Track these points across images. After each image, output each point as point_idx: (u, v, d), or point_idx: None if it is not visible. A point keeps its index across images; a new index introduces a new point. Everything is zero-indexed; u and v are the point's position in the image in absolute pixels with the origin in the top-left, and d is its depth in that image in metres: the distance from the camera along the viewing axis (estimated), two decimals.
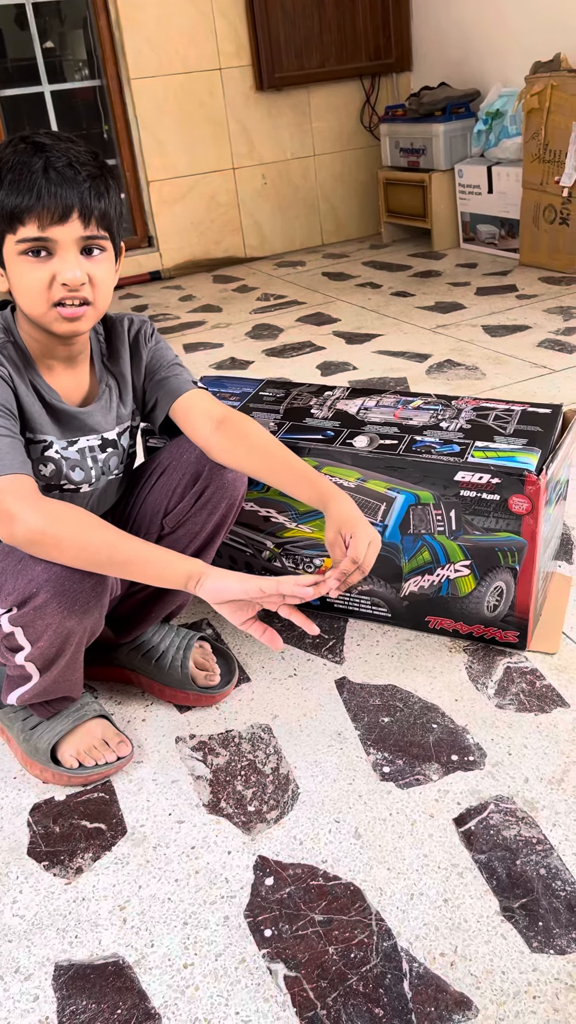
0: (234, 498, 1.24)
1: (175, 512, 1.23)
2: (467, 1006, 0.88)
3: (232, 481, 1.22)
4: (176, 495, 1.23)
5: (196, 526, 1.24)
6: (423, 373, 2.62)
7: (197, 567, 1.04)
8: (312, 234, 4.60)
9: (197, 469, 1.21)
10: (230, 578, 1.03)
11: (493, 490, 1.26)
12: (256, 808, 1.14)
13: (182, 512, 1.23)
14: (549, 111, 3.36)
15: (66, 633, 1.07)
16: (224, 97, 4.14)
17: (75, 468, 1.13)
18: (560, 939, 0.94)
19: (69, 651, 1.10)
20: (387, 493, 1.33)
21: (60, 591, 1.03)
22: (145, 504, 1.25)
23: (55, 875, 1.08)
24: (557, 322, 2.96)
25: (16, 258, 1.03)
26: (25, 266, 1.03)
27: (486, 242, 4.03)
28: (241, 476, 1.24)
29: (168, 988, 0.93)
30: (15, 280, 1.04)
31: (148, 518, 1.25)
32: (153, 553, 1.04)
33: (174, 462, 1.23)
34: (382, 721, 1.27)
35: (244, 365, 2.88)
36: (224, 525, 1.26)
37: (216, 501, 1.22)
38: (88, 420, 1.15)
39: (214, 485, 1.21)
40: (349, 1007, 0.89)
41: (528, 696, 1.29)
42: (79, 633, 1.09)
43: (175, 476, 1.23)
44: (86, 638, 1.12)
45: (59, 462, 1.12)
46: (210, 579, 1.03)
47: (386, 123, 4.26)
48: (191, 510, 1.22)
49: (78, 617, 1.06)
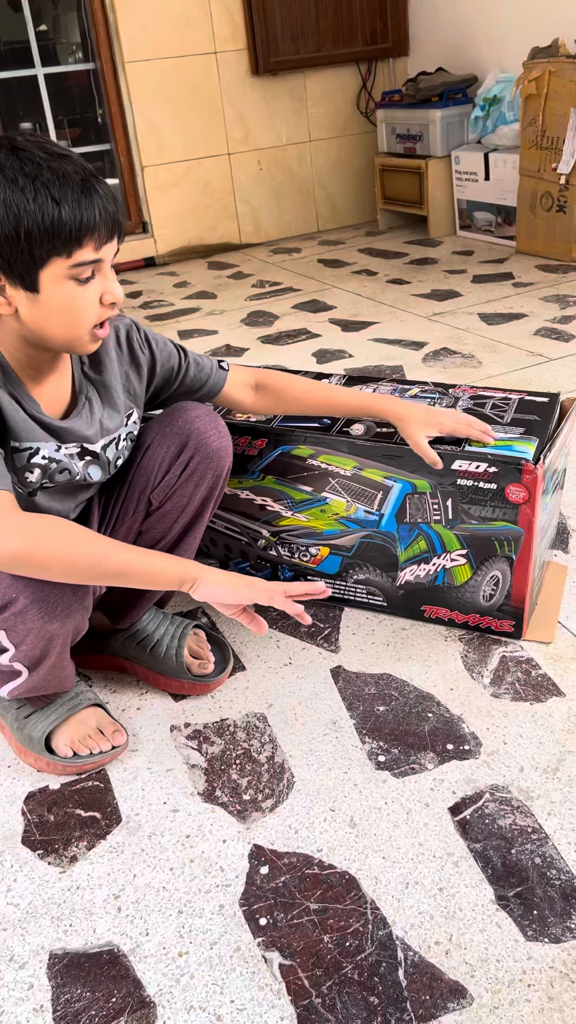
0: (220, 469, 1.23)
1: (162, 485, 1.22)
2: (462, 994, 0.88)
3: (217, 451, 1.22)
4: (162, 468, 1.22)
5: (183, 499, 1.23)
6: (419, 361, 2.61)
7: (191, 572, 1.04)
8: (308, 221, 4.58)
9: (182, 440, 1.21)
10: (225, 585, 1.04)
11: (490, 479, 1.25)
12: (251, 797, 1.14)
13: (169, 484, 1.22)
14: (547, 97, 3.34)
15: (48, 636, 1.06)
16: (219, 81, 4.10)
17: (63, 471, 1.11)
18: (555, 928, 0.94)
19: (54, 652, 1.09)
20: (384, 482, 1.33)
21: (39, 597, 1.02)
22: (133, 480, 1.24)
23: (50, 864, 1.07)
24: (554, 310, 2.95)
25: (63, 282, 0.96)
26: (72, 290, 0.97)
27: (483, 229, 4.02)
28: (227, 447, 1.23)
29: (163, 976, 0.93)
30: (55, 305, 0.98)
31: (136, 495, 1.24)
32: (145, 561, 1.03)
33: (158, 437, 1.22)
34: (377, 710, 1.27)
35: (239, 352, 2.87)
36: (212, 499, 1.25)
37: (202, 471, 1.22)
38: (71, 433, 1.11)
39: (199, 455, 1.21)
40: (344, 995, 0.89)
41: (523, 685, 1.28)
42: (62, 636, 1.08)
43: (160, 450, 1.22)
44: (71, 638, 1.11)
45: (46, 466, 1.08)
46: (203, 584, 1.04)
47: (383, 109, 4.23)
48: (178, 482, 1.22)
49: (60, 621, 1.05)
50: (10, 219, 0.92)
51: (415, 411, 1.29)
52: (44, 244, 0.93)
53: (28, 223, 0.92)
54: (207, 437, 1.21)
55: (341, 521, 1.39)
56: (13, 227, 0.92)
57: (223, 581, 1.05)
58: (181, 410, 1.23)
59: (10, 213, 0.92)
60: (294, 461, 1.39)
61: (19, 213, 0.92)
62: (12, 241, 0.93)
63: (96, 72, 4.07)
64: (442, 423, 1.28)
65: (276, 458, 1.40)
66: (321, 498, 1.39)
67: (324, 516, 1.40)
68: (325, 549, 1.43)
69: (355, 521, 1.38)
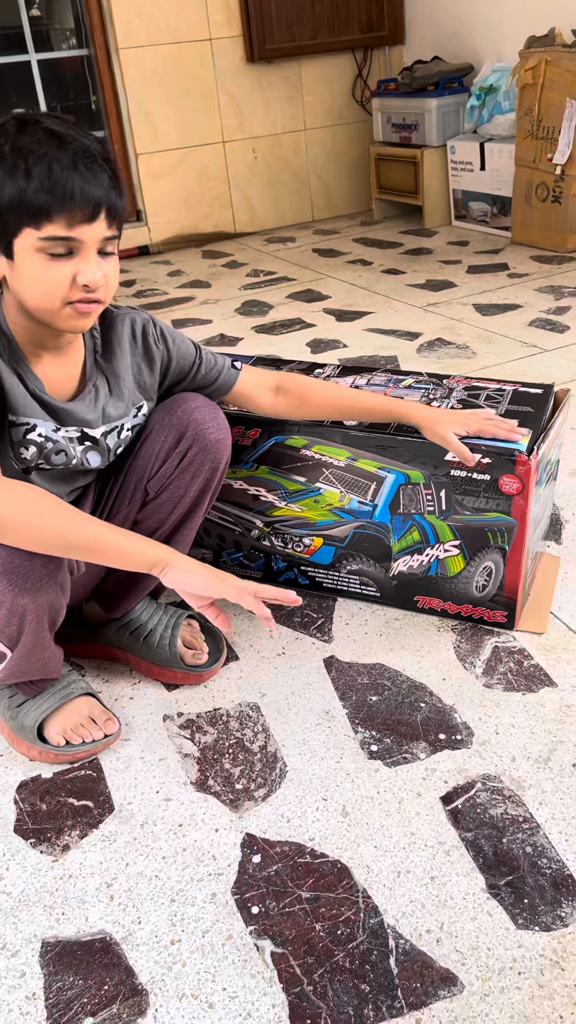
0: (217, 461, 1.23)
1: (159, 475, 1.22)
2: (453, 982, 0.89)
3: (215, 443, 1.21)
4: (160, 457, 1.21)
5: (180, 490, 1.23)
6: (414, 351, 2.61)
7: (164, 556, 1.03)
8: (303, 210, 4.56)
9: (180, 430, 1.20)
10: (196, 575, 1.03)
11: (484, 470, 1.25)
12: (244, 786, 1.14)
13: (165, 474, 1.22)
14: (543, 87, 3.33)
15: (21, 611, 1.06)
16: (214, 68, 4.07)
17: (59, 452, 1.11)
18: (545, 916, 0.94)
19: (29, 628, 1.08)
20: (377, 472, 1.33)
21: (8, 568, 1.02)
22: (130, 469, 1.24)
23: (42, 852, 1.07)
24: (548, 301, 2.95)
25: (32, 253, 0.97)
26: (42, 263, 0.98)
27: (478, 220, 4.01)
28: (225, 440, 1.23)
29: (155, 964, 0.93)
30: (26, 274, 0.99)
31: (133, 484, 1.23)
32: (117, 539, 1.02)
33: (157, 426, 1.22)
34: (370, 700, 1.27)
35: (233, 342, 2.86)
36: (208, 491, 1.25)
37: (199, 463, 1.21)
38: (71, 415, 1.11)
39: (197, 446, 1.20)
40: (336, 983, 0.90)
41: (516, 676, 1.29)
42: (34, 611, 1.07)
43: (158, 439, 1.21)
44: (46, 616, 1.09)
45: (42, 445, 1.09)
46: (175, 569, 1.03)
47: (378, 97, 4.21)
48: (174, 472, 1.21)
49: (31, 595, 1.04)
50: None
51: (441, 413, 1.28)
52: (13, 213, 0.96)
53: (2, 191, 0.96)
54: (206, 429, 1.20)
55: (335, 511, 1.39)
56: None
57: (196, 571, 1.04)
58: (181, 400, 1.23)
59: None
60: (288, 451, 1.38)
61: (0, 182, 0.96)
62: None
63: (90, 58, 4.04)
64: (468, 423, 1.27)
65: (270, 448, 1.39)
66: (315, 488, 1.39)
67: (318, 506, 1.40)
68: (318, 539, 1.43)
69: (349, 512, 1.38)
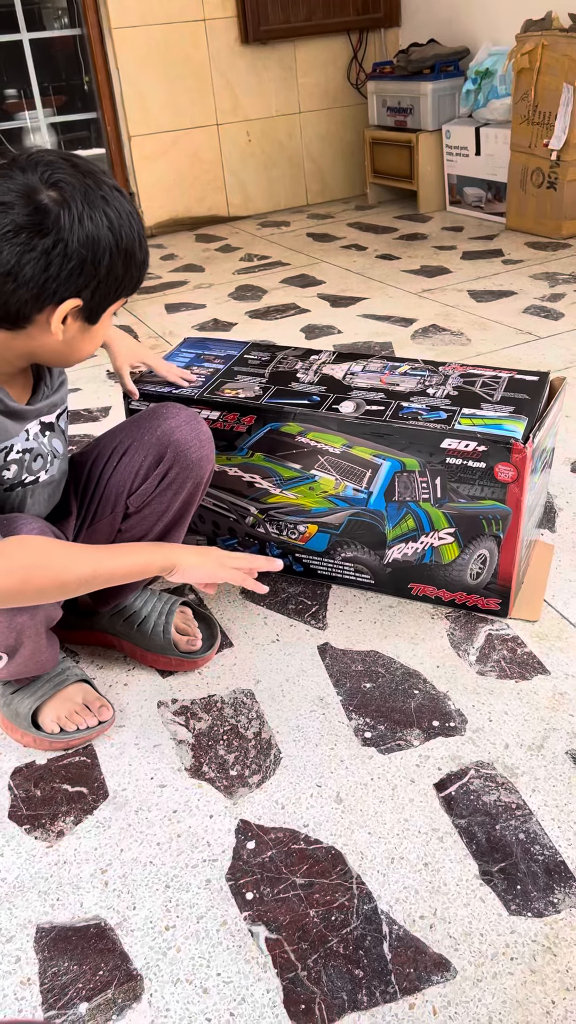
0: (200, 478, 1.22)
1: (139, 492, 1.21)
2: (446, 967, 0.90)
3: (197, 461, 1.20)
4: (139, 476, 1.20)
5: (162, 506, 1.22)
6: (408, 338, 2.60)
7: (169, 559, 1.07)
8: (297, 194, 4.53)
9: (160, 451, 1.19)
10: (201, 568, 1.09)
11: (479, 458, 1.25)
12: (238, 772, 1.14)
13: (146, 493, 1.20)
14: (539, 71, 3.31)
15: (18, 628, 1.06)
16: (208, 50, 4.03)
17: (37, 458, 1.10)
18: (537, 902, 0.95)
19: (28, 641, 1.09)
20: (373, 460, 1.32)
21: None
22: (109, 485, 1.22)
23: (36, 838, 1.08)
24: (543, 288, 2.94)
25: (109, 318, 1.03)
26: (109, 324, 1.05)
27: (472, 205, 3.99)
28: (207, 455, 1.22)
29: (150, 950, 0.94)
30: (96, 336, 1.02)
31: (112, 498, 1.22)
32: (128, 562, 1.04)
33: (135, 442, 1.20)
34: (364, 687, 1.27)
35: (227, 327, 2.84)
36: (192, 503, 1.24)
37: (181, 481, 1.20)
38: (32, 412, 1.10)
39: (178, 466, 1.19)
40: (330, 968, 0.90)
41: (509, 663, 1.29)
42: (32, 626, 1.08)
43: (137, 457, 1.20)
44: (43, 627, 1.11)
45: (21, 460, 1.08)
46: (181, 570, 1.08)
47: (373, 80, 4.17)
48: (155, 491, 1.20)
49: (28, 613, 1.05)
50: (124, 260, 0.95)
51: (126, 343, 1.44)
52: (129, 284, 0.99)
53: (134, 268, 0.97)
54: (187, 449, 1.19)
55: (330, 499, 1.39)
56: (124, 268, 0.96)
57: (200, 564, 1.09)
58: (160, 417, 1.21)
59: (127, 255, 0.95)
60: (283, 438, 1.38)
61: (131, 255, 0.96)
62: (117, 280, 0.96)
63: (82, 38, 3.99)
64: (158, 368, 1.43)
65: (265, 435, 1.39)
66: (310, 476, 1.38)
67: (313, 494, 1.40)
68: (313, 527, 1.43)
69: (344, 499, 1.38)
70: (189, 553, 1.09)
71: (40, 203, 0.88)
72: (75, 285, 0.92)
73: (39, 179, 0.89)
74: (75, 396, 2.35)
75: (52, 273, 0.90)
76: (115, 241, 0.93)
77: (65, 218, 0.89)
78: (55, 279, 0.91)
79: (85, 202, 0.90)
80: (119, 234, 0.93)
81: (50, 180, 0.89)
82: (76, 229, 0.89)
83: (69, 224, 0.89)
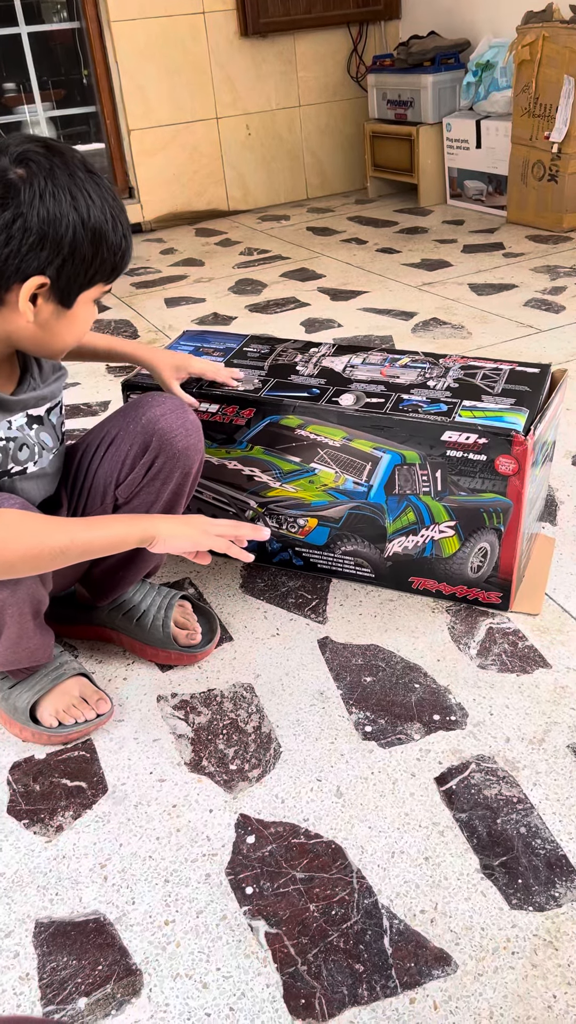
0: (188, 467, 1.20)
1: (127, 483, 1.19)
2: (447, 961, 0.89)
3: (184, 451, 1.18)
4: (126, 466, 1.19)
5: (151, 495, 1.20)
6: (408, 331, 2.59)
7: (148, 530, 1.05)
8: (296, 187, 4.52)
9: (144, 440, 1.17)
10: (183, 537, 1.07)
11: (480, 450, 1.24)
12: (238, 767, 1.14)
13: (134, 483, 1.19)
14: (540, 63, 3.29)
15: (0, 604, 1.05)
16: (208, 43, 4.01)
17: (22, 447, 1.09)
18: (539, 896, 0.94)
19: (12, 621, 1.08)
20: (373, 453, 1.32)
21: None
22: (96, 476, 1.21)
23: (35, 833, 1.07)
24: (544, 281, 2.93)
25: (90, 303, 1.01)
26: (91, 310, 1.02)
27: (473, 199, 3.97)
28: (195, 444, 1.20)
29: (149, 944, 0.93)
30: (76, 321, 1.01)
31: (101, 490, 1.21)
32: (105, 535, 1.03)
33: (121, 432, 1.19)
34: (364, 681, 1.27)
35: (227, 320, 2.83)
36: (182, 494, 1.23)
37: (168, 471, 1.18)
38: (19, 404, 1.09)
39: (164, 455, 1.17)
40: (330, 963, 0.90)
41: (510, 657, 1.29)
42: (15, 603, 1.06)
43: (123, 447, 1.18)
44: (28, 607, 1.09)
45: (5, 448, 1.07)
46: (161, 540, 1.06)
47: (373, 73, 4.16)
48: (143, 480, 1.19)
49: (9, 588, 1.04)
50: (92, 240, 0.94)
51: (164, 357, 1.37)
52: (103, 269, 0.97)
53: (106, 251, 0.96)
54: (172, 438, 1.17)
55: (330, 492, 1.38)
56: (93, 249, 0.94)
57: (181, 532, 1.07)
58: (146, 406, 1.19)
59: (95, 235, 0.94)
60: (282, 431, 1.37)
61: (101, 237, 0.94)
62: (86, 261, 0.95)
63: (81, 31, 3.98)
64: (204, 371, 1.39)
65: (264, 428, 1.38)
66: (309, 469, 1.38)
67: (312, 487, 1.39)
68: (313, 520, 1.42)
69: (344, 492, 1.37)
70: (169, 522, 1.07)
71: (5, 179, 0.89)
72: (37, 261, 0.92)
73: (8, 159, 0.90)
74: (74, 390, 2.34)
75: (13, 248, 0.90)
76: (80, 220, 0.92)
77: (26, 193, 0.89)
78: (16, 255, 0.91)
79: (49, 179, 0.90)
80: (86, 213, 0.92)
81: (19, 158, 0.90)
82: (36, 204, 0.90)
83: (30, 199, 0.89)
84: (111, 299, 3.17)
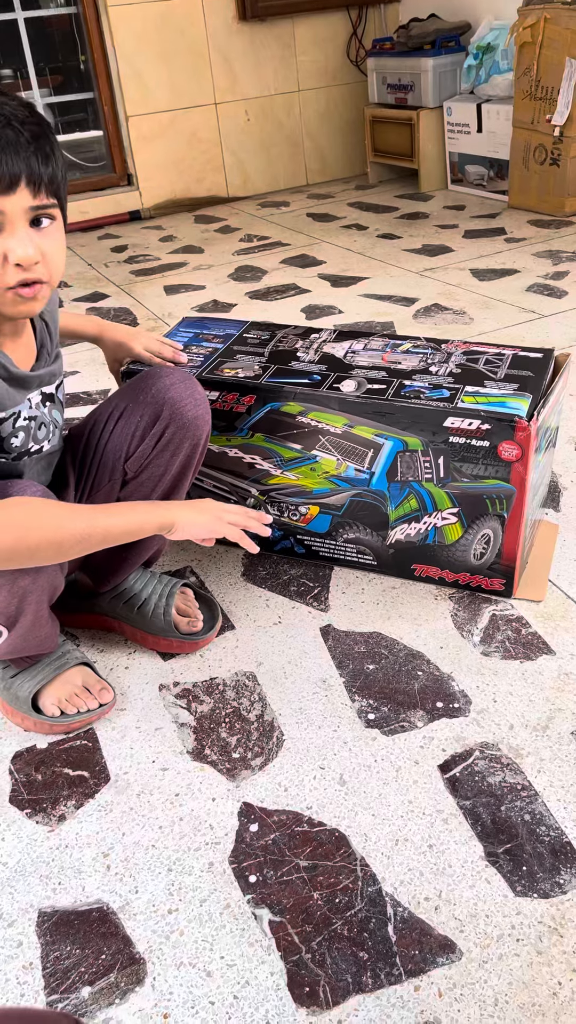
0: (197, 438, 1.20)
1: (136, 455, 1.19)
2: (451, 949, 0.89)
3: (193, 420, 1.19)
4: (136, 438, 1.19)
5: (159, 468, 1.20)
6: (410, 317, 2.57)
7: (167, 518, 1.07)
8: (296, 173, 4.48)
9: (155, 410, 1.17)
10: (199, 525, 1.11)
11: (483, 436, 1.23)
12: (240, 755, 1.13)
13: (143, 455, 1.19)
14: (542, 45, 3.26)
15: (22, 591, 1.04)
16: (206, 27, 3.98)
17: (41, 426, 1.10)
18: (543, 883, 0.94)
19: (30, 609, 1.07)
20: (375, 439, 1.31)
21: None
22: (106, 451, 1.21)
23: (38, 823, 1.07)
24: (546, 266, 2.91)
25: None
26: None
27: (474, 183, 3.94)
28: (203, 415, 1.20)
29: (152, 933, 0.93)
30: None
31: (110, 464, 1.21)
32: (125, 521, 1.04)
33: (131, 404, 1.19)
34: (367, 668, 1.26)
35: (227, 308, 2.82)
36: (190, 466, 1.23)
37: (178, 441, 1.19)
38: (36, 380, 1.09)
39: (174, 425, 1.18)
40: (334, 951, 0.89)
41: (513, 644, 1.28)
42: (35, 591, 1.06)
43: (133, 419, 1.19)
44: (46, 595, 1.09)
45: (27, 427, 1.07)
46: (179, 527, 1.08)
47: (373, 57, 4.12)
48: (152, 452, 1.19)
49: (31, 576, 1.03)
50: None
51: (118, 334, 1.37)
52: None
53: None
54: (182, 406, 1.17)
55: (331, 479, 1.37)
56: None
57: (198, 520, 1.11)
58: (154, 377, 1.19)
59: None
60: (283, 418, 1.36)
61: None
62: None
63: (78, 16, 3.94)
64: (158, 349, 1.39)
65: (265, 415, 1.37)
66: (311, 456, 1.37)
67: (314, 474, 1.38)
68: (315, 508, 1.41)
69: (345, 479, 1.36)
70: (186, 509, 1.10)
71: None
72: None
73: None
74: (74, 379, 2.33)
75: None
76: None
77: None
78: None
79: None
80: None
81: None
82: None
83: None
84: (110, 287, 3.15)
